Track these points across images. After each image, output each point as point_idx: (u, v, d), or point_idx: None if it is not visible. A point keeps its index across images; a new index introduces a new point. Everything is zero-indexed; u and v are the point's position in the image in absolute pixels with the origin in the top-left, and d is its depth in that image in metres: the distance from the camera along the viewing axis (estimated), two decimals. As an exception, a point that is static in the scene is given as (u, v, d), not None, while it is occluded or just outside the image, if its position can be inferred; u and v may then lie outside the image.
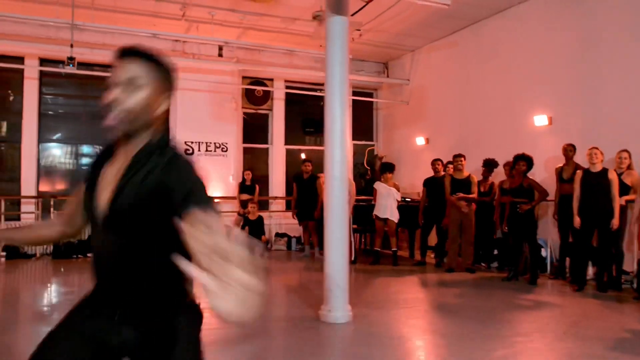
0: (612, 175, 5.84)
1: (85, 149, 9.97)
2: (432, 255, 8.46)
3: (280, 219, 10.45)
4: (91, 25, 8.15)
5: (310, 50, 9.66)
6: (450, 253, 7.59)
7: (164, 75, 1.44)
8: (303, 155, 11.05)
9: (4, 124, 9.45)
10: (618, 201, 5.76)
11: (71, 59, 7.38)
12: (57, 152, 9.77)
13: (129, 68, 1.38)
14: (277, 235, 10.25)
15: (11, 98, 9.37)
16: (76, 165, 9.88)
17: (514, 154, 6.87)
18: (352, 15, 8.09)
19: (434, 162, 8.28)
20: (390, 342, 4.02)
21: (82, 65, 8.50)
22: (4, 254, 8.47)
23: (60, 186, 9.69)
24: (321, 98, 10.82)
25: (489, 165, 7.73)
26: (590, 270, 6.33)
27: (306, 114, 11.21)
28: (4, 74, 9.13)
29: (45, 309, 5.40)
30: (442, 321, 4.88)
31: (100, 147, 1.56)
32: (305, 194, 8.89)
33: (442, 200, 7.73)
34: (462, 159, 7.67)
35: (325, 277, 4.53)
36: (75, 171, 9.81)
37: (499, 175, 7.67)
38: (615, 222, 5.70)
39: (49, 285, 6.83)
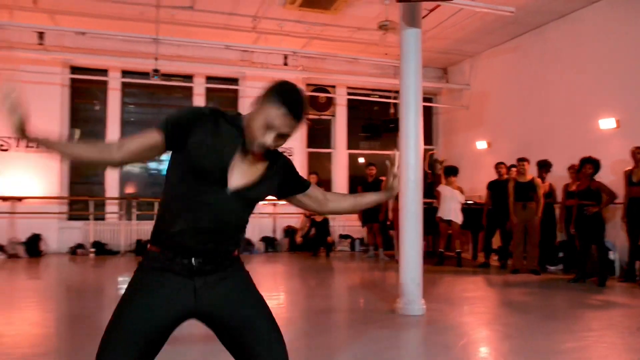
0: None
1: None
2: (496, 258, 8.57)
3: (343, 221, 10.81)
4: (171, 40, 8.79)
5: (373, 58, 9.99)
6: (515, 255, 7.71)
7: None
8: (361, 160, 11.37)
9: (77, 132, 10.23)
10: None
11: (156, 70, 8.01)
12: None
13: (295, 127, 1.63)
14: (341, 236, 10.62)
15: (96, 107, 10.18)
16: (155, 169, 10.61)
17: (578, 157, 6.95)
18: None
19: (498, 166, 8.41)
20: (465, 333, 4.28)
21: (161, 76, 9.17)
22: (93, 250, 9.25)
23: (142, 188, 10.42)
24: (382, 103, 11.19)
25: (544, 166, 7.84)
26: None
27: (368, 119, 11.54)
28: (90, 85, 9.95)
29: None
30: (510, 316, 5.07)
31: (209, 109, 1.68)
32: (369, 197, 9.19)
33: (505, 203, 7.86)
34: (526, 162, 7.78)
35: (400, 272, 4.84)
36: (154, 174, 10.54)
37: (554, 177, 7.78)
38: None
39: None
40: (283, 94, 1.60)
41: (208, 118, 1.63)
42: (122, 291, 1.66)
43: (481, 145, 10.42)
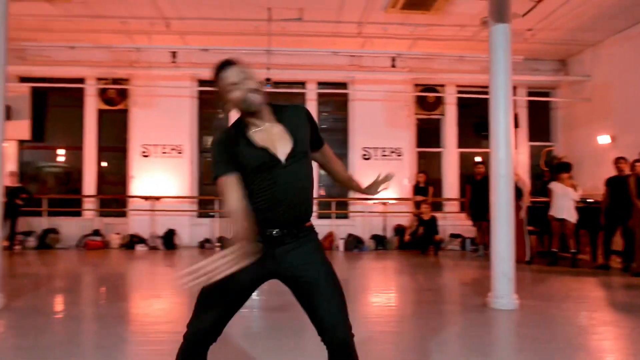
0: None
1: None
2: (619, 260, 8.00)
3: (454, 220, 10.74)
4: (282, 50, 9.47)
5: (481, 54, 9.81)
6: (638, 257, 7.16)
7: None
8: (478, 158, 11.18)
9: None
10: None
11: (268, 79, 8.71)
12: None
13: (242, 72, 2.02)
14: (452, 235, 10.56)
15: (220, 116, 11.22)
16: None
17: None
18: (523, 15, 8.14)
19: (618, 161, 7.85)
20: (559, 327, 4.21)
21: (275, 84, 9.90)
22: (219, 244, 10.23)
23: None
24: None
25: None
26: None
27: (479, 117, 11.31)
28: (214, 96, 11.01)
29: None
30: (621, 316, 4.82)
31: (220, 133, 2.11)
32: (479, 195, 9.06)
33: (626, 200, 7.33)
34: (652, 156, 7.21)
35: (492, 266, 4.87)
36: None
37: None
38: None
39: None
40: (213, 75, 2.05)
41: (227, 138, 2.04)
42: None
43: (604, 139, 9.72)
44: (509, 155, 4.84)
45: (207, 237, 10.50)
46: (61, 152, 11.19)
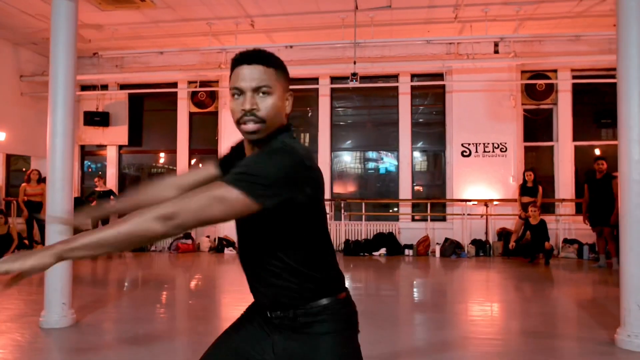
0: None
1: (371, 154, 10.88)
2: None
3: (569, 224, 9.47)
4: (370, 42, 8.82)
5: (602, 32, 8.48)
6: None
7: (285, 76, 1.40)
8: (597, 152, 9.78)
9: (307, 136, 10.97)
10: None
11: (354, 74, 8.13)
12: (347, 159, 10.92)
13: (263, 74, 1.34)
14: (566, 241, 9.30)
15: (309, 114, 10.83)
16: (363, 170, 10.88)
17: None
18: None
19: None
20: None
21: (366, 78, 9.31)
22: (230, 249, 9.83)
23: (350, 188, 10.76)
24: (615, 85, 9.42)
25: None
26: None
27: (600, 105, 9.86)
28: (303, 94, 10.64)
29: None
30: None
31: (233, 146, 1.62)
32: (599, 196, 7.84)
33: None
34: None
35: (621, 293, 3.90)
36: (361, 176, 10.81)
37: None
38: None
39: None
40: (233, 58, 1.38)
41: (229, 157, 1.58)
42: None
43: None
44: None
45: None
46: (158, 155, 11.48)
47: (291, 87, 1.45)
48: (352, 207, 10.29)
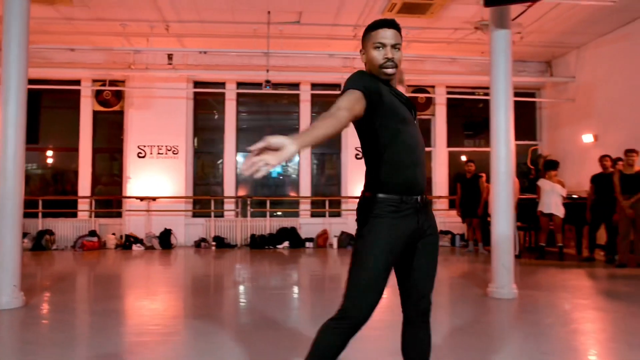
0: None
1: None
2: (602, 254, 8.40)
3: (444, 217, 11.08)
4: (281, 52, 9.67)
5: (471, 56, 10.17)
6: (621, 249, 7.57)
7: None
8: (464, 157, 11.54)
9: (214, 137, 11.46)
10: None
11: (268, 81, 8.92)
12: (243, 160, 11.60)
13: (397, 36, 2.05)
14: (441, 232, 10.90)
15: (215, 117, 11.39)
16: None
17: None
18: (514, 19, 8.48)
19: (602, 159, 8.26)
20: (557, 312, 4.54)
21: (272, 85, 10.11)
22: (214, 243, 10.40)
23: (255, 187, 11.45)
24: (481, 101, 11.28)
25: None
26: None
27: (468, 117, 11.70)
28: (210, 97, 11.18)
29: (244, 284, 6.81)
30: (609, 303, 5.18)
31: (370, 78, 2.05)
32: (468, 193, 9.41)
33: (611, 196, 7.74)
34: (634, 154, 7.61)
35: (492, 259, 5.17)
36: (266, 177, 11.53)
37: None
38: None
39: (248, 267, 8.37)
40: (373, 23, 2.09)
41: (374, 78, 2.05)
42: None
43: (587, 138, 10.15)
44: (509, 153, 5.15)
45: (203, 236, 10.66)
46: (50, 153, 11.23)
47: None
48: (257, 205, 11.03)
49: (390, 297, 2.29)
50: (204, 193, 11.22)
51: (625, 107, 9.24)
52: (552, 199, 8.28)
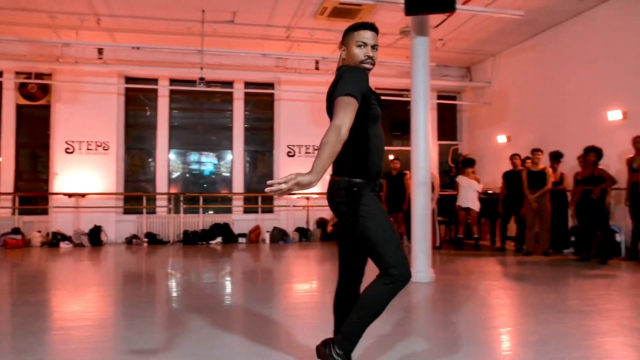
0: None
1: (208, 153, 11.73)
2: (513, 244, 9.19)
3: (372, 213, 11.60)
4: (216, 51, 9.79)
5: (397, 60, 10.75)
6: (528, 239, 8.36)
7: None
8: (391, 156, 12.14)
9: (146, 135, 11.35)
10: None
11: (202, 79, 9.04)
12: (182, 158, 11.63)
13: (376, 38, 2.40)
14: (370, 227, 11.41)
15: (148, 113, 11.32)
16: (200, 167, 11.71)
17: (586, 146, 7.57)
18: (436, 27, 9.13)
19: (512, 157, 9.05)
20: (468, 292, 5.06)
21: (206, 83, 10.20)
22: (146, 240, 10.36)
23: (188, 184, 11.49)
24: (408, 102, 11.89)
25: (555, 157, 8.46)
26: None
27: (394, 118, 12.33)
28: (142, 94, 11.10)
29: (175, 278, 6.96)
30: (516, 283, 5.81)
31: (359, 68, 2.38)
32: (394, 189, 9.95)
33: (520, 192, 8.51)
34: (540, 153, 8.41)
35: (412, 246, 5.65)
36: (196, 174, 11.63)
37: (567, 167, 8.41)
38: None
39: (180, 263, 8.47)
40: (356, 24, 2.41)
41: (366, 78, 2.33)
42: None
43: (501, 139, 11.04)
44: (427, 152, 5.64)
45: (134, 233, 10.59)
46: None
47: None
48: (190, 201, 11.10)
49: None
50: (136, 190, 11.14)
51: (534, 111, 10.15)
52: (469, 194, 8.98)
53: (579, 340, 3.38)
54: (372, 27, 2.39)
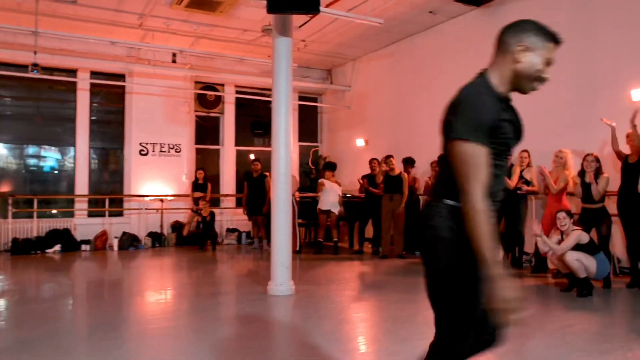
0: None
1: (45, 148, 10.31)
2: (370, 246, 9.40)
3: (230, 215, 11.19)
4: (52, 33, 8.60)
5: (259, 58, 10.44)
6: (384, 242, 8.59)
7: None
8: (252, 156, 11.83)
9: None
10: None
11: (36, 65, 7.86)
12: (16, 152, 10.10)
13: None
14: (228, 230, 10.99)
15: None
16: (35, 165, 10.27)
17: (438, 153, 7.93)
18: (300, 27, 8.97)
19: (371, 161, 9.24)
20: (326, 304, 4.93)
21: (43, 70, 8.94)
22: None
23: (19, 184, 9.99)
24: (269, 102, 11.66)
25: (408, 162, 8.87)
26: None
27: (255, 117, 12.02)
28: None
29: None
30: (371, 291, 5.85)
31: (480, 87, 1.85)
32: (255, 191, 9.65)
33: (376, 195, 8.72)
34: (392, 159, 8.66)
35: (272, 257, 5.37)
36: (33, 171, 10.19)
37: (418, 171, 8.87)
38: None
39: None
40: (557, 35, 1.82)
41: (495, 100, 1.78)
42: None
43: (360, 142, 11.30)
44: (287, 154, 5.40)
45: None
46: None
47: None
48: (22, 204, 9.69)
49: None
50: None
51: (390, 116, 10.52)
52: (330, 197, 8.99)
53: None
54: (561, 42, 1.86)
